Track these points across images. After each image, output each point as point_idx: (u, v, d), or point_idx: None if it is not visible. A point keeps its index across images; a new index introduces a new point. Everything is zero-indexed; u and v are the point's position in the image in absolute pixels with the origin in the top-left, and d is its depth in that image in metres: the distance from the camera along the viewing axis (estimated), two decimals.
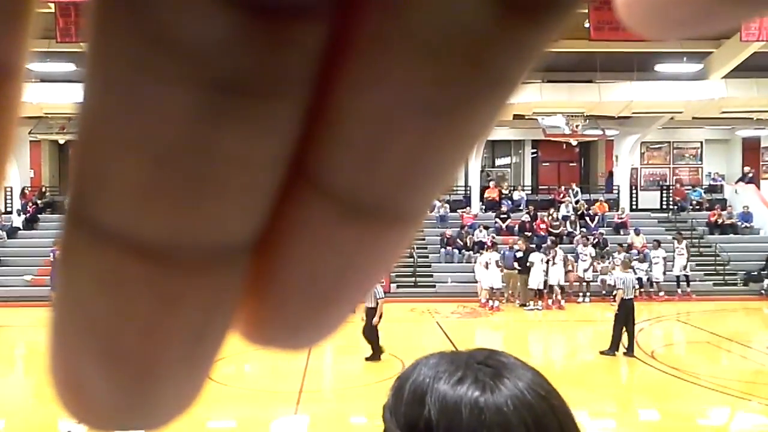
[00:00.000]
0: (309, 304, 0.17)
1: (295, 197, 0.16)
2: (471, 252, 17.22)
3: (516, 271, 15.40)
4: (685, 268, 16.62)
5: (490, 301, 15.27)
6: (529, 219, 18.44)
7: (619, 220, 19.13)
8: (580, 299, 15.83)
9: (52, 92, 14.59)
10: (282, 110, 0.15)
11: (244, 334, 0.18)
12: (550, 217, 18.58)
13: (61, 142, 19.06)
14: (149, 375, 0.17)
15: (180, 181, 0.15)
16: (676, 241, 16.94)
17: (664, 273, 16.55)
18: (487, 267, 15.35)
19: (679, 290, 16.53)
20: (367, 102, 0.15)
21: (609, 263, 15.69)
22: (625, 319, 10.27)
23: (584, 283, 16.19)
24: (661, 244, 16.80)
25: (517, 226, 18.33)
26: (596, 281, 16.08)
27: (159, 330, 0.16)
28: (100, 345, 0.16)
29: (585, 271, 16.14)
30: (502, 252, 16.00)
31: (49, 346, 0.17)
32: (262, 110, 0.14)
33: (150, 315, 0.16)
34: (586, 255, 16.26)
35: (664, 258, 16.53)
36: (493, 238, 17.17)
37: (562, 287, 15.57)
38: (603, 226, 18.87)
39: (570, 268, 15.99)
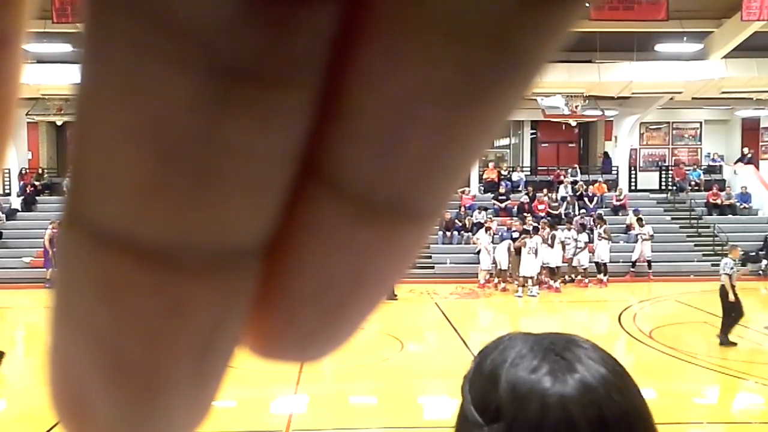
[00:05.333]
0: (323, 313, 0.16)
1: (307, 197, 0.15)
2: (470, 233, 17.24)
3: (514, 252, 15.42)
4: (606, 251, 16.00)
5: (495, 281, 15.32)
6: (528, 200, 18.45)
7: (618, 201, 19.14)
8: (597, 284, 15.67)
9: (49, 73, 14.51)
10: (291, 100, 0.14)
11: (252, 347, 0.17)
12: (548, 198, 18.60)
13: (59, 123, 18.99)
14: (154, 390, 0.16)
15: (183, 177, 0.14)
16: (597, 226, 16.46)
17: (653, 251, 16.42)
18: (491, 246, 15.37)
19: (604, 276, 15.95)
20: (382, 92, 0.14)
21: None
22: None
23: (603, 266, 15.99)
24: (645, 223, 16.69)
25: (516, 207, 18.35)
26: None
27: (163, 341, 0.15)
28: (101, 357, 0.15)
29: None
30: (500, 233, 16.01)
31: (48, 358, 0.16)
32: (269, 99, 0.13)
33: (153, 324, 0.15)
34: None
35: (652, 236, 16.48)
36: (492, 219, 17.19)
37: (557, 268, 15.54)
38: (602, 207, 18.88)
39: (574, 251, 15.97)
